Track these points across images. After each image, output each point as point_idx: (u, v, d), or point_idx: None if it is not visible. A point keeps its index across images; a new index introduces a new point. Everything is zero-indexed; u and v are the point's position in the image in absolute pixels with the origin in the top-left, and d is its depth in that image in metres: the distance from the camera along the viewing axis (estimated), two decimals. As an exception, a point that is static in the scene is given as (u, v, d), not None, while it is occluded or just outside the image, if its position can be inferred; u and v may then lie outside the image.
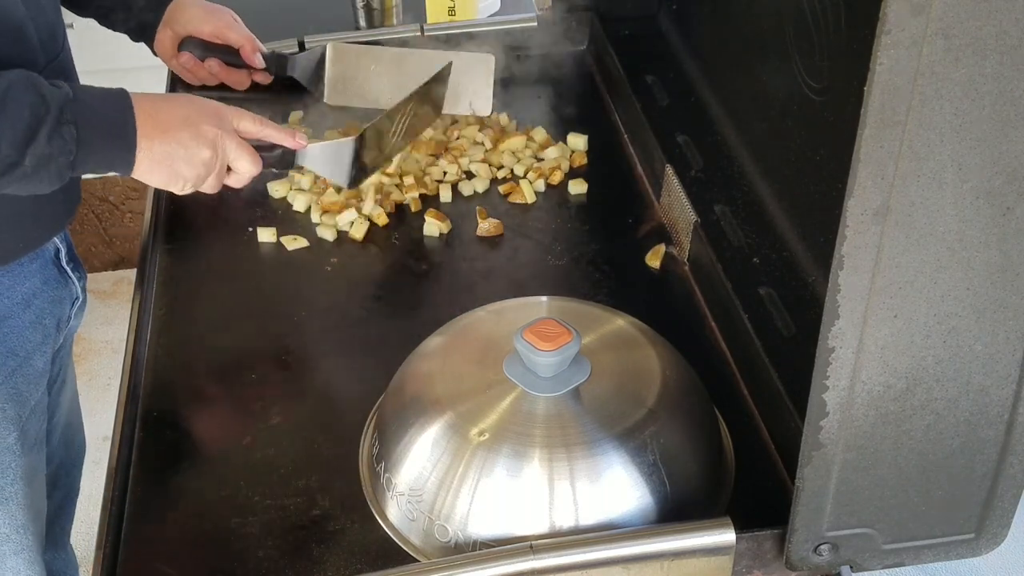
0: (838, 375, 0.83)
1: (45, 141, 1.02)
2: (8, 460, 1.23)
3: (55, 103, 1.03)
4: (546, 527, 0.96)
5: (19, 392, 1.23)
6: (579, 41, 1.76)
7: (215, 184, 1.19)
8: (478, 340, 1.09)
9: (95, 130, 1.05)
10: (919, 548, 0.96)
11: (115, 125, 1.08)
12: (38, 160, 1.02)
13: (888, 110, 0.71)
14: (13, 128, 1.00)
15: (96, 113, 1.06)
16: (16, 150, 1.01)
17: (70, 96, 1.04)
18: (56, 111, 1.02)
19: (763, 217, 1.28)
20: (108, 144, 1.07)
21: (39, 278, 1.24)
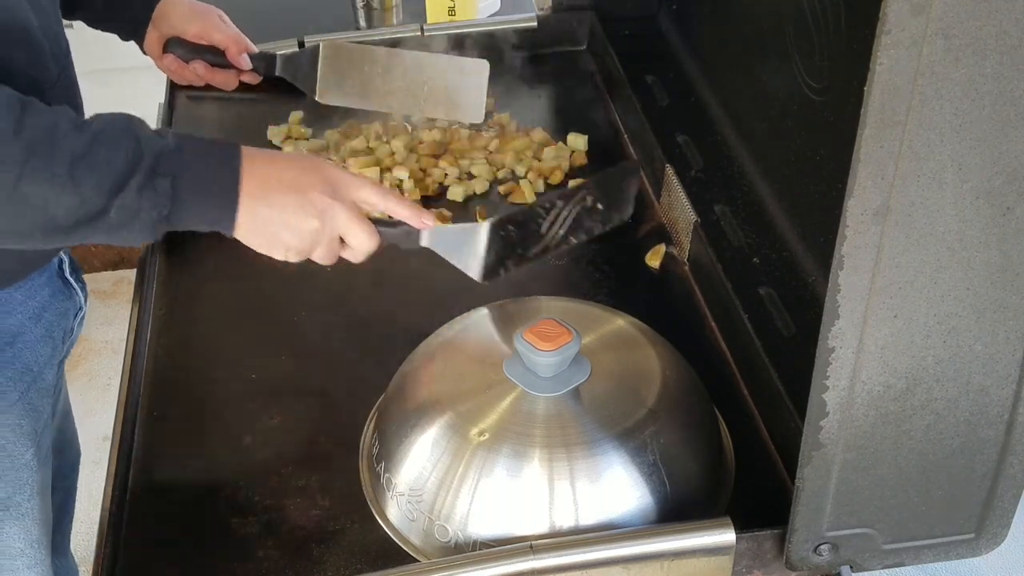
0: (838, 375, 0.83)
1: (135, 193, 0.94)
2: (26, 476, 1.23)
3: (151, 152, 0.95)
4: (546, 527, 0.96)
5: (34, 407, 1.23)
6: (579, 41, 1.76)
7: (326, 256, 1.08)
8: (478, 340, 1.09)
9: (193, 186, 0.97)
10: (919, 548, 0.96)
11: (218, 183, 0.99)
12: (126, 212, 0.94)
13: (888, 110, 0.71)
14: (100, 174, 0.93)
15: (197, 167, 0.98)
16: (102, 197, 0.93)
17: (170, 146, 0.97)
18: (151, 160, 0.95)
19: (763, 217, 1.28)
20: (207, 203, 0.99)
21: (47, 291, 1.23)
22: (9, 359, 1.19)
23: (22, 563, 1.29)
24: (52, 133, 0.92)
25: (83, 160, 0.92)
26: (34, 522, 1.27)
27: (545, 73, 1.72)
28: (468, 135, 1.55)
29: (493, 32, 1.72)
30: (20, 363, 1.20)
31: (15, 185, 0.90)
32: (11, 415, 1.20)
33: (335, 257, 1.08)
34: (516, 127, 1.59)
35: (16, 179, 0.90)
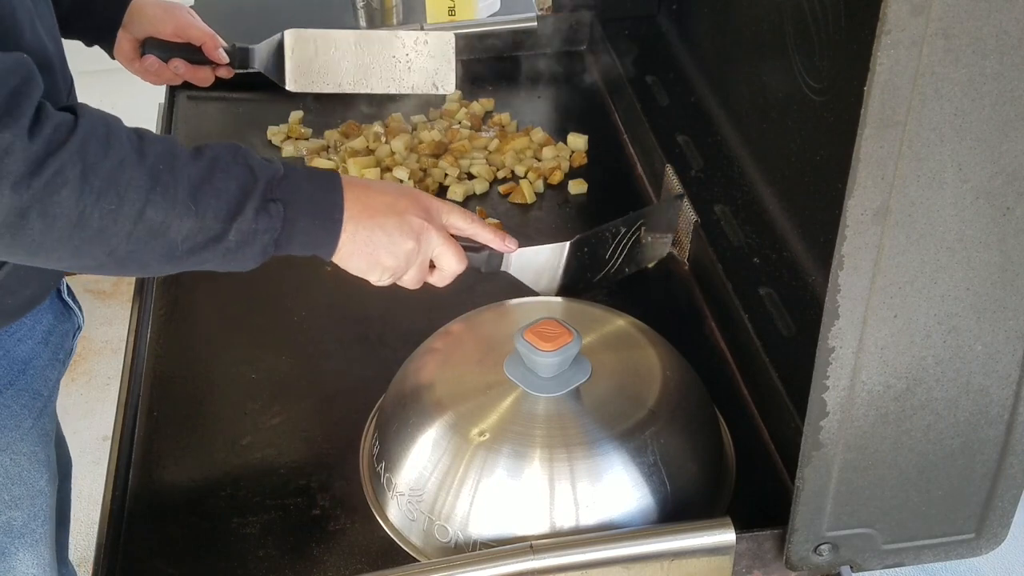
0: (838, 375, 0.83)
1: (252, 216, 0.96)
2: (41, 503, 1.24)
3: (264, 178, 0.98)
4: (546, 527, 0.96)
5: (46, 432, 1.23)
6: (579, 41, 1.77)
7: (416, 279, 1.11)
8: (479, 340, 1.09)
9: (302, 209, 1.00)
10: (919, 548, 0.96)
11: (323, 206, 1.02)
12: (243, 236, 0.96)
13: (888, 110, 0.71)
14: (219, 199, 0.95)
15: (304, 192, 1.01)
16: (220, 222, 0.95)
17: (280, 172, 1.00)
18: (264, 186, 0.97)
19: (763, 217, 1.28)
20: (314, 225, 1.02)
21: (51, 315, 1.23)
22: (23, 386, 1.19)
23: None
24: (172, 160, 0.93)
25: (202, 186, 0.94)
26: (47, 547, 1.27)
27: (545, 73, 1.72)
28: (468, 135, 1.55)
29: (493, 32, 1.72)
30: (32, 390, 1.20)
31: (141, 212, 0.91)
32: (27, 443, 1.20)
33: (423, 280, 1.12)
34: (516, 127, 1.59)
35: (143, 206, 0.91)
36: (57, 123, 0.87)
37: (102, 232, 0.90)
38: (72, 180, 0.87)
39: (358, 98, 1.59)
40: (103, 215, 0.89)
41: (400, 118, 1.59)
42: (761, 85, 1.31)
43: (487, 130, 1.58)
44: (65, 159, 0.86)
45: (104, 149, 0.89)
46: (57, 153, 0.86)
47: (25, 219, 0.86)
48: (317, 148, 1.54)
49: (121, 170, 0.90)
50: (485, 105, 1.63)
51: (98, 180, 0.88)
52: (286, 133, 1.58)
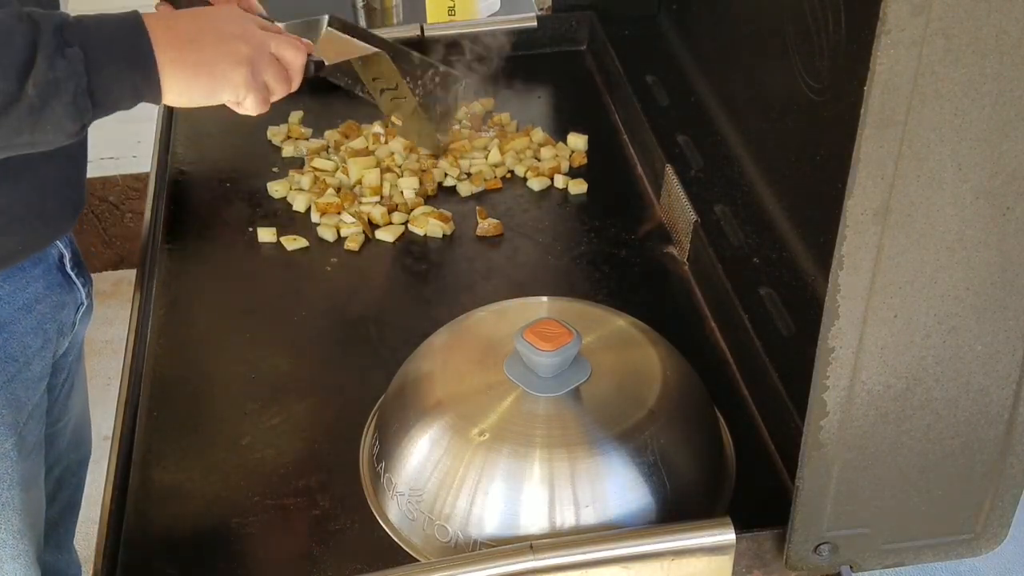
0: (838, 375, 0.83)
1: (46, 66, 0.90)
2: (5, 466, 1.23)
3: (49, 25, 0.92)
4: (546, 527, 0.96)
5: (17, 398, 1.22)
6: (579, 41, 1.76)
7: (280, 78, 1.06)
8: (478, 340, 1.09)
9: (104, 50, 0.94)
10: (919, 548, 0.96)
11: (129, 42, 0.96)
12: (43, 89, 0.91)
13: (888, 110, 0.71)
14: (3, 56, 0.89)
15: (104, 32, 0.95)
16: (12, 82, 0.90)
17: (68, 18, 0.93)
18: (52, 32, 0.91)
19: (763, 217, 1.28)
20: (123, 62, 0.95)
21: (42, 283, 1.23)
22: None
23: (5, 554, 1.28)
24: None
25: None
26: (16, 513, 1.26)
27: (545, 73, 1.72)
28: (468, 135, 1.55)
29: (493, 32, 1.72)
30: (4, 353, 1.19)
31: None
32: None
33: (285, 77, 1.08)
34: (516, 127, 1.59)
35: None
36: None
37: None
38: None
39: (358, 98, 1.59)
40: None
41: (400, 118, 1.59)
42: (761, 85, 1.31)
43: (487, 130, 1.58)
44: None
45: None
46: None
47: None
48: (317, 148, 1.54)
49: None
50: (485, 105, 1.62)
51: None
52: (286, 133, 1.58)
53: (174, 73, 0.98)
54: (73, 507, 1.57)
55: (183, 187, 1.49)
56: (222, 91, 1.03)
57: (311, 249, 1.38)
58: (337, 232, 1.40)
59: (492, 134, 1.57)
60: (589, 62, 1.74)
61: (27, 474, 1.26)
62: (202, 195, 1.39)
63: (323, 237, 1.39)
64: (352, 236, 1.38)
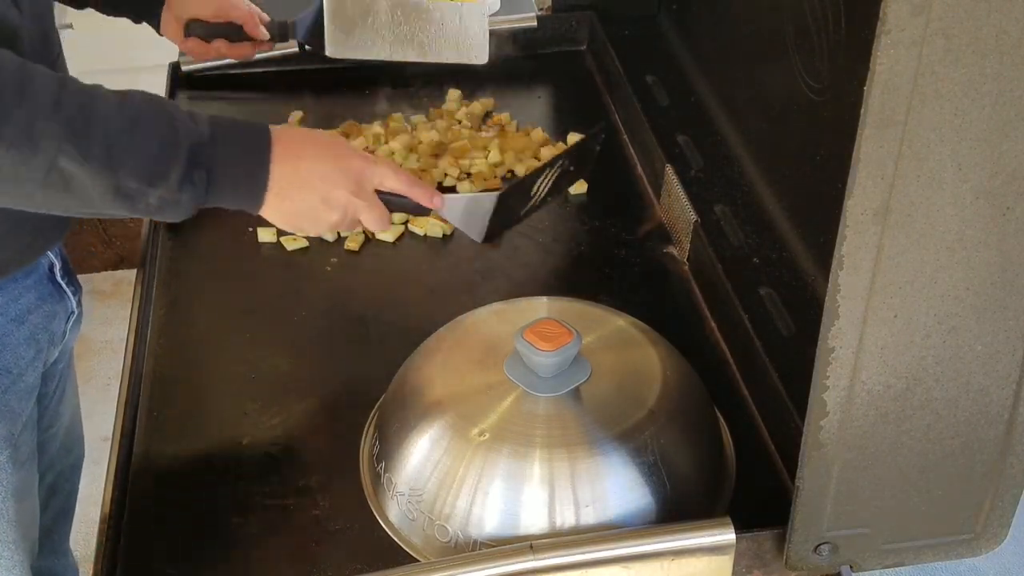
0: (838, 375, 0.83)
1: (176, 185, 0.97)
2: (0, 479, 1.23)
3: (188, 141, 0.98)
4: (546, 527, 0.96)
5: (11, 410, 1.22)
6: (579, 41, 1.76)
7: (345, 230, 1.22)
8: (478, 340, 1.09)
9: (228, 178, 1.01)
10: (919, 548, 0.96)
11: (250, 176, 1.03)
12: (164, 202, 0.97)
13: (888, 110, 0.71)
14: (137, 159, 0.94)
15: (232, 160, 1.01)
16: (139, 183, 0.95)
17: (205, 136, 0.99)
18: (188, 151, 0.97)
19: (763, 217, 1.28)
20: (239, 191, 1.03)
21: (34, 294, 1.23)
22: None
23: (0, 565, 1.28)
24: (90, 113, 0.93)
25: (120, 142, 0.94)
26: (10, 524, 1.26)
27: (545, 73, 1.72)
28: (468, 135, 1.55)
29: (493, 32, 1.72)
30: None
31: (53, 162, 0.92)
32: None
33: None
34: (516, 127, 1.59)
35: (55, 156, 0.91)
36: None
37: (16, 179, 0.92)
38: None
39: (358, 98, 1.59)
40: (15, 163, 0.90)
41: (400, 118, 1.59)
42: (761, 85, 1.31)
43: (487, 130, 1.58)
44: None
45: (18, 98, 0.90)
46: None
47: None
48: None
49: (34, 119, 0.90)
50: (485, 105, 1.62)
51: (9, 129, 0.89)
52: (286, 133, 1.58)
53: (270, 209, 1.06)
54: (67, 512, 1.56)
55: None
56: (297, 232, 1.17)
57: (311, 249, 1.38)
58: (337, 232, 1.40)
59: (492, 134, 1.57)
60: (589, 62, 1.74)
61: (21, 485, 1.26)
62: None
63: (323, 237, 1.39)
64: (352, 236, 1.38)
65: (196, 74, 1.66)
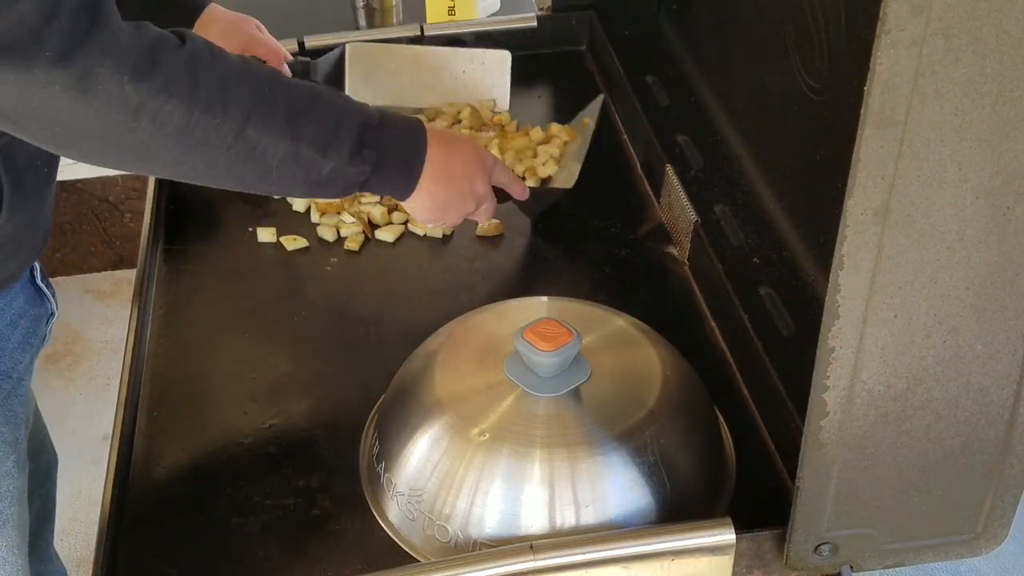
0: (838, 375, 0.83)
1: (347, 158, 1.02)
2: (7, 484, 1.23)
3: (360, 118, 1.03)
4: (546, 527, 0.96)
5: (14, 414, 1.22)
6: (579, 41, 1.76)
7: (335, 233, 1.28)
8: (478, 340, 1.09)
9: (390, 162, 1.06)
10: (919, 548, 0.96)
11: (408, 162, 1.09)
12: (335, 173, 1.02)
13: (888, 110, 0.71)
14: (317, 128, 1.00)
15: (395, 145, 1.07)
16: (315, 152, 1.00)
17: (375, 119, 1.05)
18: (359, 127, 1.03)
19: (763, 217, 1.28)
20: (397, 178, 1.09)
21: (22, 298, 1.23)
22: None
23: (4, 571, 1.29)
24: (275, 84, 0.99)
25: (302, 113, 0.99)
26: (15, 529, 1.27)
27: (545, 73, 1.72)
28: (469, 135, 1.55)
29: (493, 32, 1.72)
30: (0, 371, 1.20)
31: (241, 128, 0.95)
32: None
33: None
34: (516, 127, 1.59)
35: (243, 122, 0.95)
36: (162, 35, 0.93)
37: (205, 143, 0.95)
38: (182, 91, 0.92)
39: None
40: (206, 127, 0.94)
41: None
42: (761, 85, 1.31)
43: (487, 130, 1.58)
44: (175, 69, 0.92)
45: (211, 65, 0.95)
46: (166, 60, 0.91)
47: (137, 120, 0.91)
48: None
49: (227, 85, 0.95)
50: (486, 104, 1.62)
51: (205, 93, 0.93)
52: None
53: (420, 198, 1.12)
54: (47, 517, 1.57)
55: (183, 187, 1.49)
56: (430, 223, 1.19)
57: (311, 249, 1.38)
58: (337, 232, 1.40)
59: (492, 134, 1.57)
60: (589, 62, 1.74)
61: (22, 489, 1.27)
62: (202, 195, 1.38)
63: (323, 237, 1.39)
64: (352, 236, 1.38)
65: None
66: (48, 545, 1.59)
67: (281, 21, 1.69)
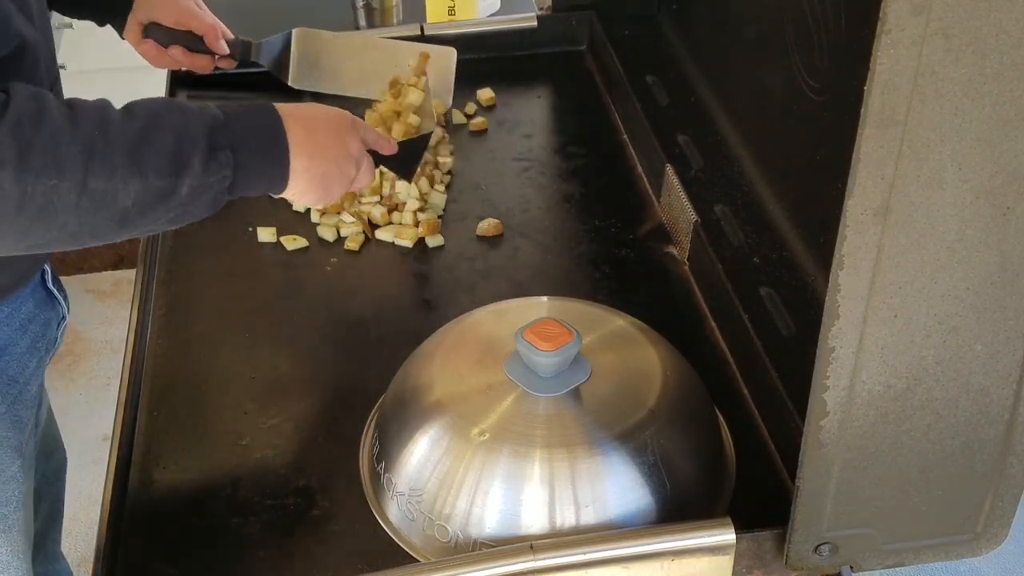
0: (838, 375, 0.83)
1: (201, 169, 0.97)
2: (12, 488, 1.23)
3: (204, 126, 0.98)
4: (546, 527, 0.96)
5: (20, 419, 1.22)
6: (579, 41, 1.77)
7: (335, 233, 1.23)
8: (478, 340, 1.09)
9: (251, 154, 1.01)
10: (919, 548, 0.96)
11: (270, 148, 1.04)
12: (194, 189, 0.97)
13: (888, 110, 0.71)
14: (159, 156, 0.95)
15: (250, 135, 1.02)
16: (167, 179, 0.95)
17: (220, 118, 1.00)
18: (207, 135, 0.98)
19: (763, 217, 1.28)
20: (265, 165, 1.04)
21: (32, 303, 1.23)
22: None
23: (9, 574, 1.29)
24: (105, 126, 0.93)
25: (140, 146, 0.94)
26: (20, 533, 1.27)
27: (545, 73, 1.72)
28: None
29: (493, 32, 1.72)
30: (6, 376, 1.19)
31: (83, 183, 0.91)
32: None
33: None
34: None
35: (83, 176, 0.91)
36: None
37: (48, 209, 0.90)
38: (9, 161, 0.87)
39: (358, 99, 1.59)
40: (46, 192, 0.89)
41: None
42: (761, 85, 1.31)
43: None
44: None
45: (36, 126, 0.89)
46: None
47: None
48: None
49: (56, 144, 0.89)
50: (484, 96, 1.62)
51: (35, 158, 0.88)
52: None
53: (300, 179, 1.06)
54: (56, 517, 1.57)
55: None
56: (324, 201, 1.13)
57: (311, 249, 1.39)
58: (337, 232, 1.40)
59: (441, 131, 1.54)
60: (589, 62, 1.74)
61: (27, 493, 1.27)
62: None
63: (323, 237, 1.39)
64: (352, 236, 1.38)
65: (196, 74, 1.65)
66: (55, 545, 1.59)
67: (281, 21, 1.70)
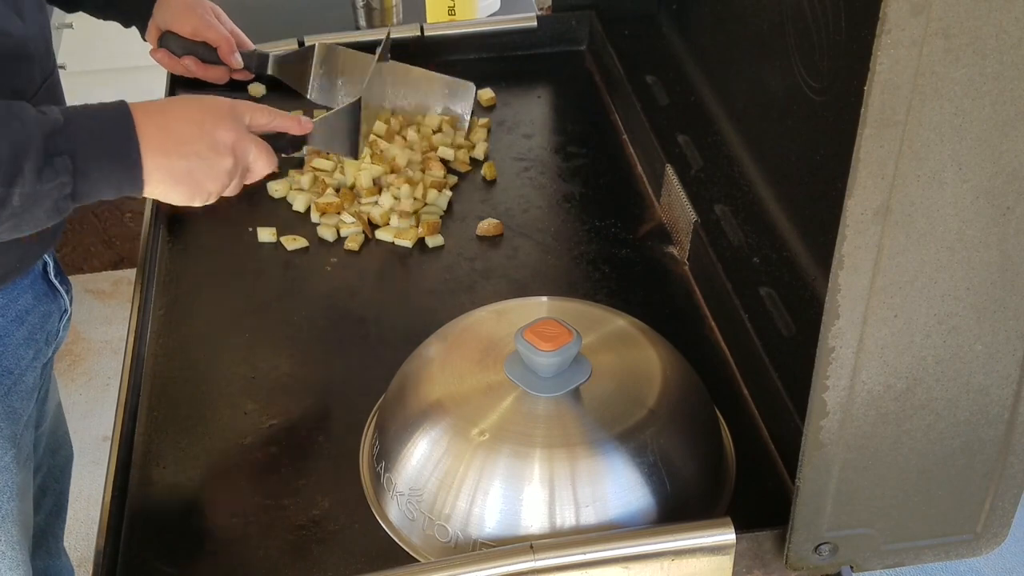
0: (838, 375, 0.83)
1: (34, 178, 0.91)
2: (5, 479, 1.23)
3: (39, 132, 0.93)
4: (546, 527, 0.96)
5: (14, 410, 1.22)
6: (579, 41, 1.77)
7: (237, 187, 1.10)
8: (478, 340, 1.09)
9: (93, 155, 0.95)
10: (919, 548, 0.96)
11: (117, 147, 0.97)
12: (27, 199, 0.92)
13: (888, 110, 0.71)
14: None
15: (93, 136, 0.96)
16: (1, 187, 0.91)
17: (59, 122, 0.94)
18: (42, 141, 0.92)
19: (763, 217, 1.28)
20: (112, 169, 0.97)
21: (31, 294, 1.23)
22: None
23: (4, 565, 1.29)
24: None
25: None
26: (14, 524, 1.27)
27: (545, 73, 1.72)
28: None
29: (493, 32, 1.72)
30: (1, 367, 1.20)
31: None
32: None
33: (241, 186, 1.10)
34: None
35: None
36: None
37: None
38: None
39: None
40: None
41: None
42: (761, 85, 1.31)
43: None
44: None
45: None
46: None
47: None
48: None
49: None
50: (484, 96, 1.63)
51: None
52: (286, 133, 1.58)
53: (159, 178, 1.00)
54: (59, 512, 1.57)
55: (183, 187, 1.49)
56: (197, 199, 1.06)
57: (311, 249, 1.39)
58: (337, 232, 1.40)
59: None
60: (589, 62, 1.74)
61: (23, 484, 1.27)
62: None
63: (323, 237, 1.39)
64: (352, 236, 1.38)
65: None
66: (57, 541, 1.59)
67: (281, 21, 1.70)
